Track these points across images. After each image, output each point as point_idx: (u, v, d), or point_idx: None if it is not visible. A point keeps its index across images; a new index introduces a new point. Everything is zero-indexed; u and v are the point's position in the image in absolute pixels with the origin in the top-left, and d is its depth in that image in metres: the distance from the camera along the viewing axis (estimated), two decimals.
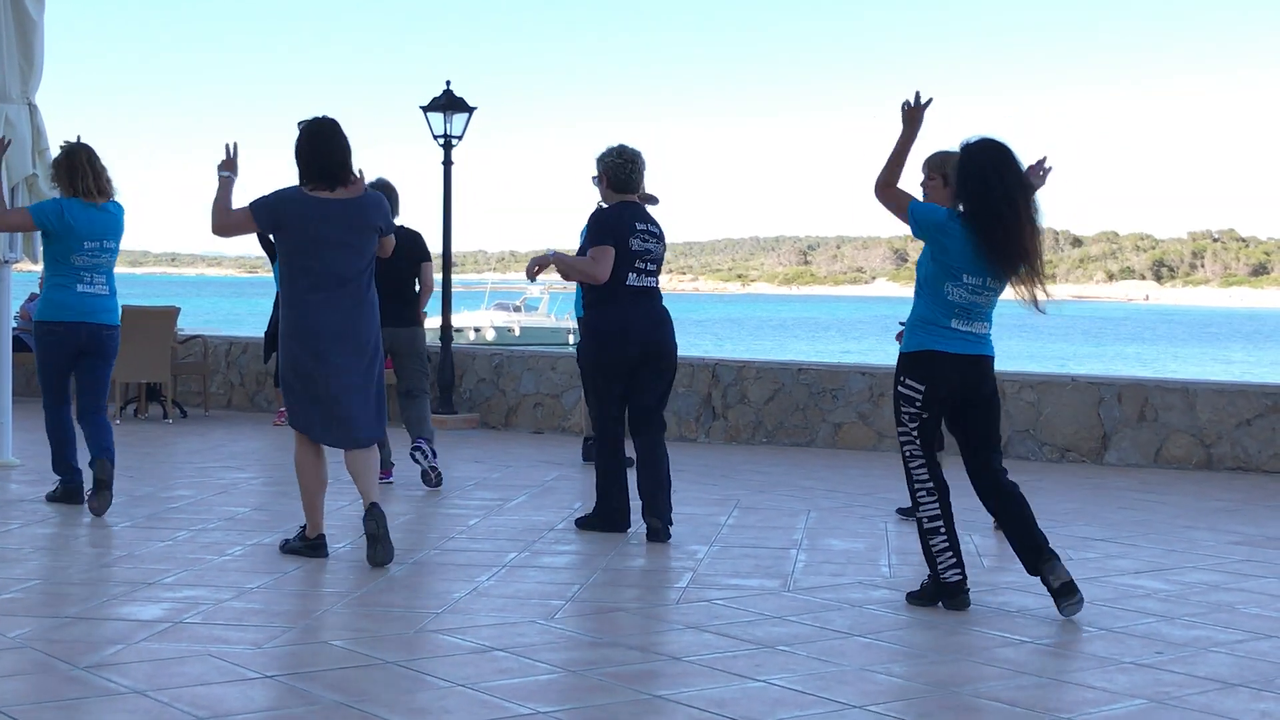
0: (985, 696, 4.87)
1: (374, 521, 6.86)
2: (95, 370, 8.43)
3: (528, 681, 4.94)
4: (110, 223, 8.35)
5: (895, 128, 6.23)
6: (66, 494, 8.54)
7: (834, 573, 6.94)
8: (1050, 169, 6.42)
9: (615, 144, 8.03)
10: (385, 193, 9.35)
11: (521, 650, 5.35)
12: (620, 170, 7.94)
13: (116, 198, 8.43)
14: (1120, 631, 5.84)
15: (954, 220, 6.08)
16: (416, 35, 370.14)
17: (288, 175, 7.14)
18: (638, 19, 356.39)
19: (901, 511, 8.66)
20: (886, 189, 6.22)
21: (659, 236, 7.95)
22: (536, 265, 7.96)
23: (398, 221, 9.49)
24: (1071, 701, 4.82)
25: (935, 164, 7.42)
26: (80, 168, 8.28)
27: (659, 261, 7.94)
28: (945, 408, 6.21)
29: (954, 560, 6.17)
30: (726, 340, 72.32)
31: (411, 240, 9.74)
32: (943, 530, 6.18)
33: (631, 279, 7.79)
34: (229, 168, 7.13)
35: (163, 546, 7.29)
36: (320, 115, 7.07)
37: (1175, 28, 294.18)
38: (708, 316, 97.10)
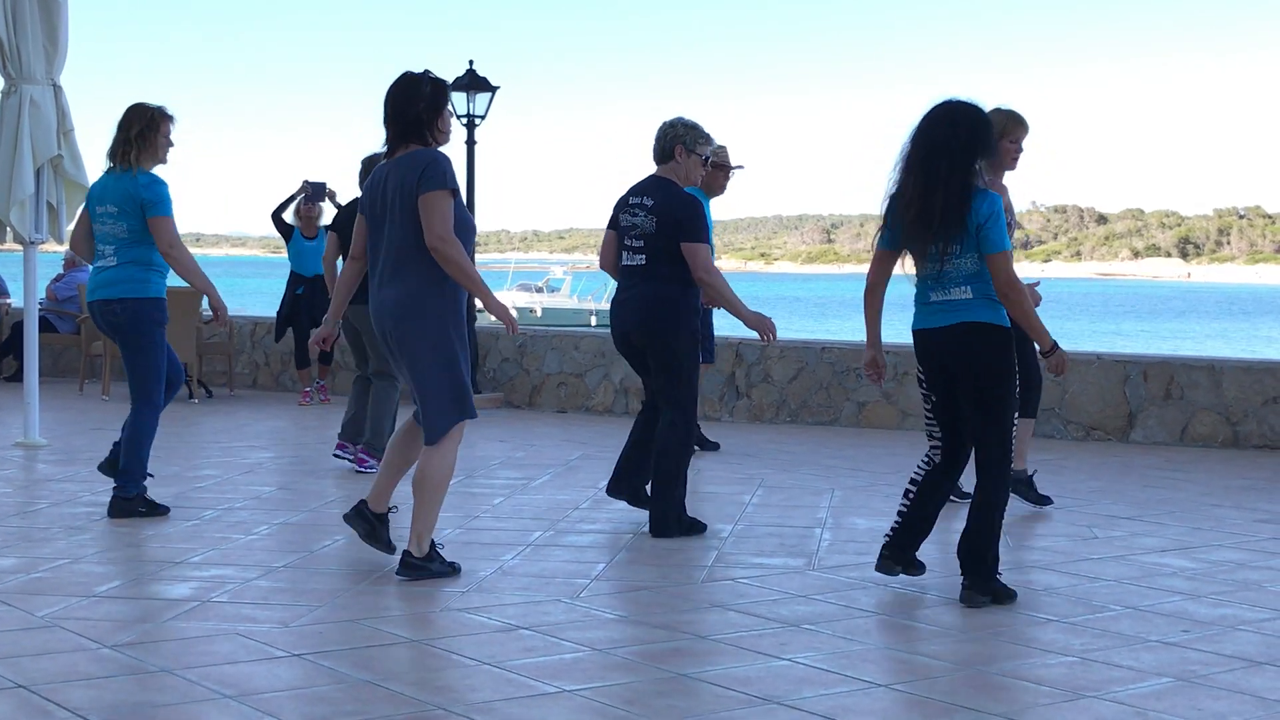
0: (1011, 675, 4.87)
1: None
2: (123, 354, 7.57)
3: (553, 660, 4.96)
4: (116, 189, 7.42)
5: (911, 107, 6.23)
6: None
7: (858, 551, 6.94)
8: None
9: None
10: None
11: (547, 629, 5.36)
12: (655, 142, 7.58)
13: (146, 167, 7.46)
14: (1147, 610, 5.83)
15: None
16: (439, 14, 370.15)
17: (305, 154, 7.03)
18: None
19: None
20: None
21: (649, 208, 7.28)
22: None
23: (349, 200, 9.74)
24: (1098, 680, 4.81)
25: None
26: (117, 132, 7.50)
27: (647, 236, 7.27)
28: (941, 385, 5.96)
29: (895, 523, 6.12)
30: None
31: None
32: (909, 495, 6.11)
33: (624, 258, 7.44)
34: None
35: (189, 526, 7.32)
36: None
37: (1202, 2, 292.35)
38: None
